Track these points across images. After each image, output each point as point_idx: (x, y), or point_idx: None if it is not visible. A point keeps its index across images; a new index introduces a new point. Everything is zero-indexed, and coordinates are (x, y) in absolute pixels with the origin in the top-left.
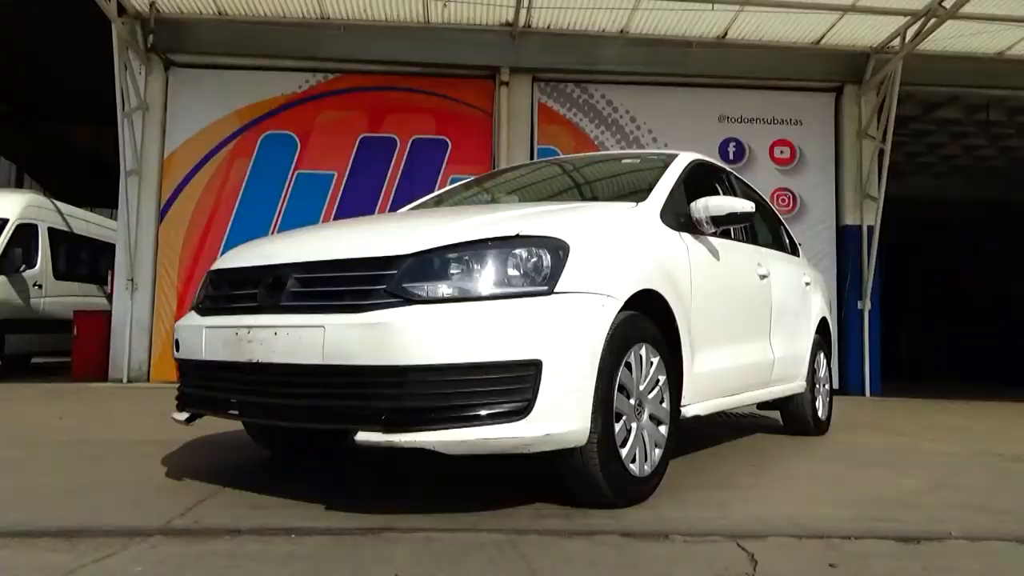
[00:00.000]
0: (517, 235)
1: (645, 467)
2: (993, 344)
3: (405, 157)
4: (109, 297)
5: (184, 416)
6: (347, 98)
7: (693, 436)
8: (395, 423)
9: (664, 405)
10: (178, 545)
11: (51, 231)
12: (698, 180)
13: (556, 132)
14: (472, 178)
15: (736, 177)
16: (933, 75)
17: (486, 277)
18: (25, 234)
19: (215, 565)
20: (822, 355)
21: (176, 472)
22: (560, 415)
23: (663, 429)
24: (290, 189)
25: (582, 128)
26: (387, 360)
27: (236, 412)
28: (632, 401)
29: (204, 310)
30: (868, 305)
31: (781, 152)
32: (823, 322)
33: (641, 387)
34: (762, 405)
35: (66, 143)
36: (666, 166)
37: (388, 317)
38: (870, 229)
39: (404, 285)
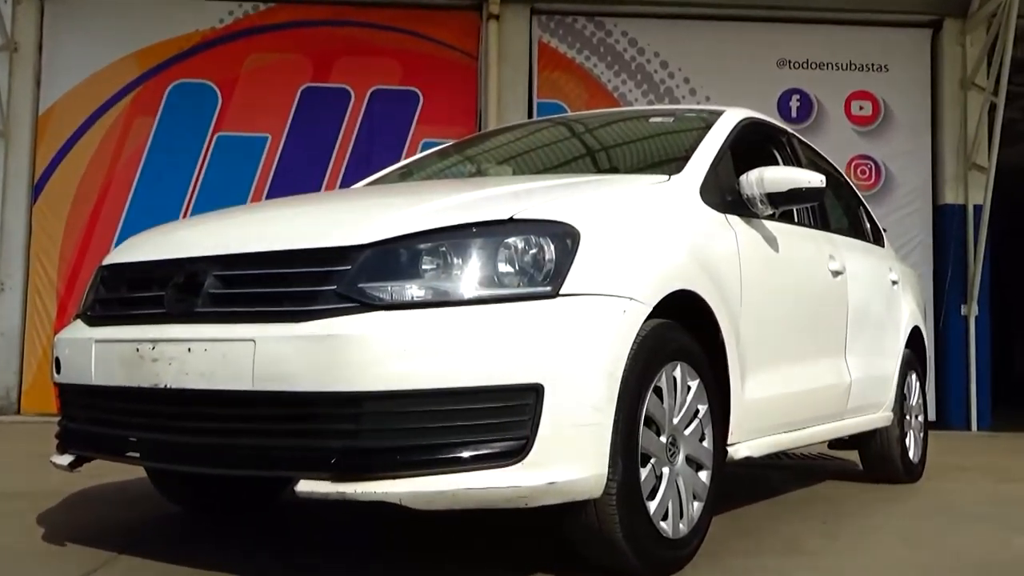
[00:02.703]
0: (511, 219)
1: (680, 526)
2: None
3: (362, 115)
4: None
5: (67, 460)
6: (285, 36)
7: (744, 484)
8: (349, 469)
9: (705, 444)
10: None
11: None
12: (750, 145)
13: (562, 81)
14: (451, 143)
15: (800, 141)
16: None
17: (469, 274)
18: None
19: None
20: (914, 377)
21: (57, 534)
22: (567, 458)
23: (704, 475)
24: (208, 157)
25: (596, 76)
26: (338, 385)
27: (137, 454)
28: (663, 439)
29: (94, 318)
30: (974, 310)
31: (860, 108)
32: (915, 333)
33: (675, 420)
34: (835, 443)
35: None
36: (708, 127)
37: (340, 327)
38: (977, 209)
39: (361, 285)
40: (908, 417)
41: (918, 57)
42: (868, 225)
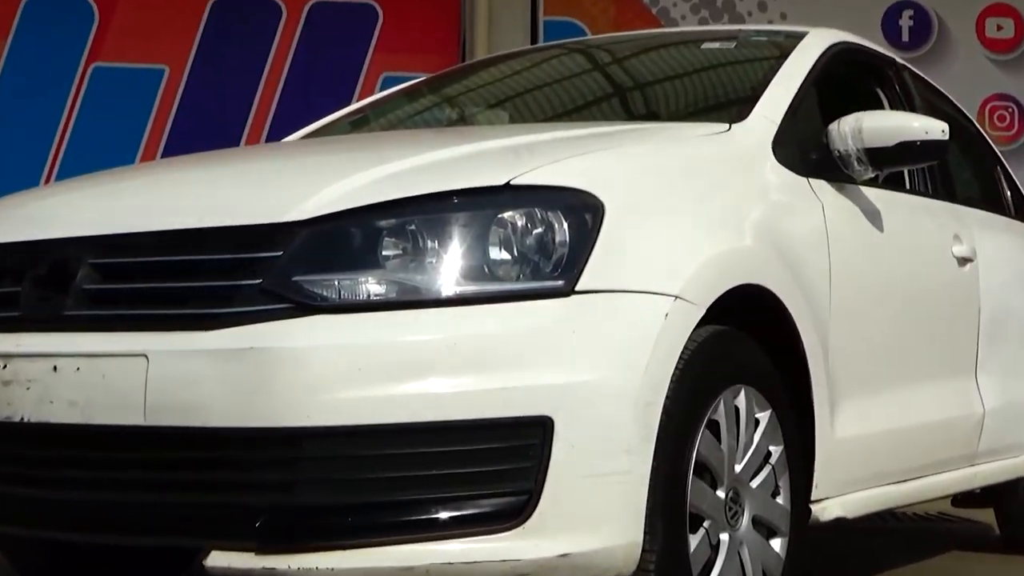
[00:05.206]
0: (507, 185)
1: None
2: None
3: (296, 40)
4: None
5: None
6: None
7: (835, 556)
8: (280, 535)
9: (780, 500)
10: None
11: None
12: (844, 81)
13: None
14: (423, 79)
15: (914, 75)
16: None
17: (449, 263)
18: None
19: None
20: None
21: None
22: (586, 520)
23: (778, 544)
24: (81, 98)
25: None
26: (265, 419)
27: None
28: (721, 493)
29: None
30: None
31: (998, 28)
32: None
33: (738, 467)
34: (961, 499)
35: None
36: (784, 55)
37: (267, 337)
38: None
39: (296, 279)
40: None
41: None
42: (1008, 193)
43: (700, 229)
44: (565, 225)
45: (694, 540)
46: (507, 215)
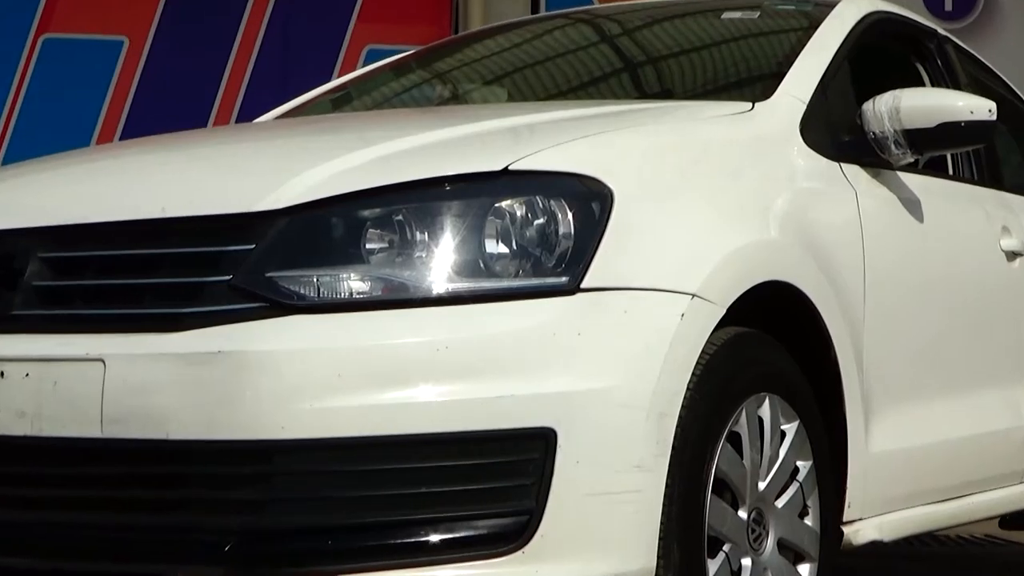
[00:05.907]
0: (505, 170)
1: None
2: None
3: (271, 8)
4: None
5: None
6: None
7: None
8: (252, 560)
9: (808, 521)
10: None
11: None
12: (879, 55)
13: None
14: (410, 52)
15: (957, 48)
16: None
17: (441, 257)
18: None
19: None
20: None
21: None
22: (593, 543)
23: (807, 570)
24: (30, 72)
25: None
26: (235, 431)
27: None
28: (743, 513)
29: None
30: None
31: None
32: None
33: (762, 484)
34: (1010, 520)
35: None
36: (813, 27)
37: (237, 340)
38: None
39: (270, 275)
40: None
41: None
42: None
43: (720, 220)
44: (569, 215)
45: (713, 566)
46: (505, 204)
